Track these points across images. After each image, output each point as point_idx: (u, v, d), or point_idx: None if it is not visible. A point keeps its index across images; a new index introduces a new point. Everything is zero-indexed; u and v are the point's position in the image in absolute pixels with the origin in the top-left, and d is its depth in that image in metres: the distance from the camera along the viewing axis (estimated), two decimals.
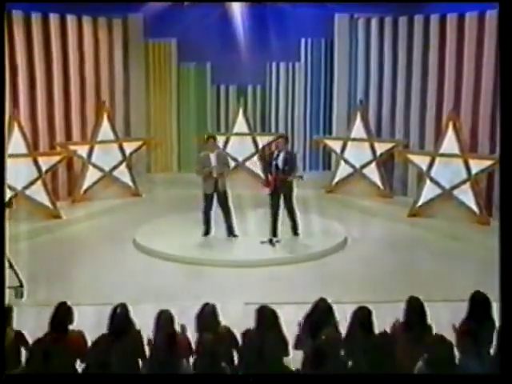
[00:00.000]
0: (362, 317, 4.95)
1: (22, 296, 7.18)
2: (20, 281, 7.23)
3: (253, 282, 7.99)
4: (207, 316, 5.06)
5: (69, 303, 5.19)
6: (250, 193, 11.27)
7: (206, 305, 5.17)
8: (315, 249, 9.18)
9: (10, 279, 7.05)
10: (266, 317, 4.98)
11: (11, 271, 7.22)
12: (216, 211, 9.56)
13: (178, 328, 5.08)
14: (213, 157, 9.25)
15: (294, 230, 9.60)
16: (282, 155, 9.20)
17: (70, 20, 11.61)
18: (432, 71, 11.24)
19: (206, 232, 9.55)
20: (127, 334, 4.93)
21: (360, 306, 5.07)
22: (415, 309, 5.07)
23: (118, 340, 4.85)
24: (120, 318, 5.00)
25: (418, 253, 9.31)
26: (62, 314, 5.06)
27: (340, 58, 12.98)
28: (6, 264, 6.96)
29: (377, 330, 4.96)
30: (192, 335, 5.14)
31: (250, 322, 5.16)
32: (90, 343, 4.99)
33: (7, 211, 7.24)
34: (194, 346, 4.96)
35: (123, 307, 5.10)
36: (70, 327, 5.07)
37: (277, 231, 9.32)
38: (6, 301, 6.07)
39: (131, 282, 7.93)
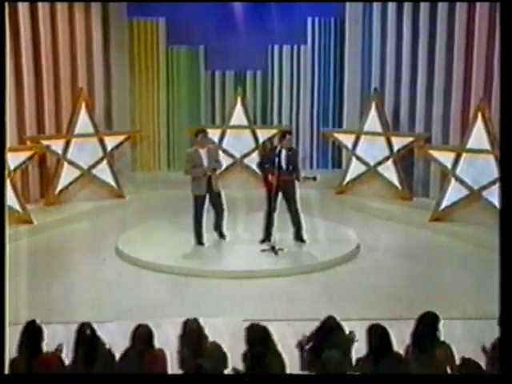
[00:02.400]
0: (376, 336, 4.94)
1: None
2: None
3: (252, 295, 7.95)
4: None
5: (38, 321, 5.11)
6: (250, 194, 11.25)
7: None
8: (323, 258, 9.13)
9: None
10: (257, 335, 4.97)
11: None
12: (207, 213, 9.54)
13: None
14: (203, 153, 9.21)
15: (299, 236, 9.57)
16: (284, 152, 9.20)
17: None
18: (458, 55, 11.16)
19: (198, 244, 9.49)
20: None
21: (373, 324, 5.05)
22: (425, 325, 5.08)
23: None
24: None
25: (442, 263, 9.25)
26: (34, 335, 4.96)
27: (352, 39, 12.97)
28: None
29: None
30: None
31: None
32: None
33: None
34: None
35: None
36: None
37: (271, 235, 9.33)
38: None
39: (113, 296, 7.88)
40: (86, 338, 4.95)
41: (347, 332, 5.24)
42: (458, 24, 11.09)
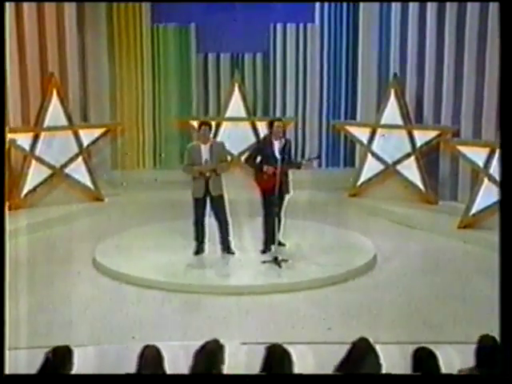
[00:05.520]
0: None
1: None
2: None
3: (251, 314, 7.94)
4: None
5: None
6: (249, 196, 11.21)
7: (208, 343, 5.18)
8: (334, 271, 9.10)
9: None
10: (277, 358, 4.98)
11: None
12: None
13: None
14: (205, 149, 9.25)
15: (274, 243, 9.51)
16: (276, 143, 9.28)
17: None
18: (492, 34, 11.15)
19: (198, 250, 9.53)
20: None
21: (421, 347, 5.07)
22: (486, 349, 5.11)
23: None
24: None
25: (473, 277, 9.24)
26: None
27: (367, 17, 12.98)
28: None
29: None
30: None
31: (248, 366, 5.12)
32: None
33: None
34: None
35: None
36: None
37: (273, 243, 9.37)
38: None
39: (89, 316, 7.85)
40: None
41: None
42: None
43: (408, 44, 12.39)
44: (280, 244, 9.53)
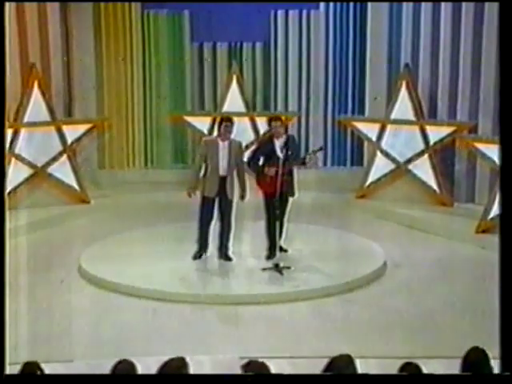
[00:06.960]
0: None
1: None
2: None
3: (251, 326, 7.95)
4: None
5: None
6: (248, 198, 11.23)
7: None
8: (340, 279, 9.10)
9: None
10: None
11: None
12: None
13: None
14: (223, 146, 9.26)
15: (278, 249, 9.53)
16: (278, 142, 9.32)
17: None
18: None
19: (199, 253, 9.53)
20: None
21: (407, 362, 5.03)
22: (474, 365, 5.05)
23: None
24: None
25: (491, 286, 9.19)
26: None
27: (376, 3, 12.95)
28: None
29: None
30: None
31: None
32: None
33: None
34: None
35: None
36: None
37: (276, 249, 9.38)
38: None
39: (74, 328, 7.84)
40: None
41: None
42: None
43: (421, 32, 12.36)
44: (282, 250, 9.55)
